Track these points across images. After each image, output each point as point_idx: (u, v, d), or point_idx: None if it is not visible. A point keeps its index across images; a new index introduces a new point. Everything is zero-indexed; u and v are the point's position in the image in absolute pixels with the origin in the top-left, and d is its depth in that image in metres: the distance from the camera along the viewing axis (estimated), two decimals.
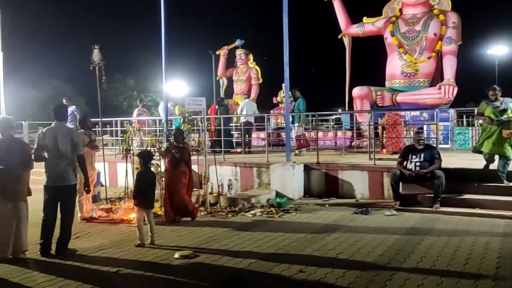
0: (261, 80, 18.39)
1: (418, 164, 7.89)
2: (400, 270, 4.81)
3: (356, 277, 4.64)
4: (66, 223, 5.78)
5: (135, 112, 14.85)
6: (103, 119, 9.85)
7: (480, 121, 8.41)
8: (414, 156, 7.95)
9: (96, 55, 8.78)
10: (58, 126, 5.78)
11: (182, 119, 8.71)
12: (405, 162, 8.03)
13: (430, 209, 7.60)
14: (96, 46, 8.84)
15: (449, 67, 14.02)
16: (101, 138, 10.40)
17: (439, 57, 14.54)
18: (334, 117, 19.24)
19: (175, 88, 25.65)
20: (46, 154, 5.69)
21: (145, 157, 6.41)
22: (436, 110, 10.04)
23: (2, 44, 14.62)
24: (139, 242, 5.95)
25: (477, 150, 8.12)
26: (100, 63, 8.77)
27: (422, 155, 7.92)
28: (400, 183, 8.03)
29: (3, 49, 14.66)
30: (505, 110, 7.61)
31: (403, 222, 7.05)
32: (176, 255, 5.48)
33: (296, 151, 11.67)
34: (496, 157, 7.79)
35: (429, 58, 14.49)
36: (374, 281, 4.53)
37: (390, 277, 4.62)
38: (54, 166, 5.66)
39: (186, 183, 7.60)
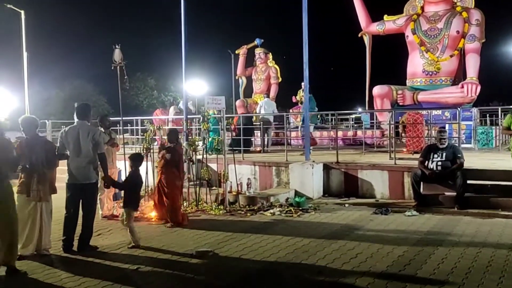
0: (280, 79, 18.36)
1: (439, 163, 7.77)
2: (416, 277, 4.73)
3: (376, 277, 4.60)
4: (88, 221, 5.89)
5: (172, 111, 14.90)
6: (124, 118, 9.96)
7: None
8: (435, 156, 7.83)
9: (117, 55, 8.89)
10: (80, 125, 5.89)
11: (202, 118, 8.76)
12: (426, 162, 7.92)
13: (451, 209, 7.47)
14: (117, 46, 8.94)
15: (472, 65, 13.76)
16: (121, 136, 10.53)
17: (462, 55, 14.28)
18: (354, 116, 19.12)
19: (195, 87, 25.80)
20: (68, 153, 5.81)
21: (136, 159, 6.50)
22: (459, 109, 9.87)
23: (26, 45, 15.03)
24: (133, 244, 5.90)
25: None
26: (121, 62, 8.87)
27: (444, 154, 7.79)
28: (421, 183, 7.91)
29: (27, 50, 15.06)
30: None
31: (423, 223, 6.95)
32: (194, 251, 5.54)
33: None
34: None
35: (451, 56, 14.25)
36: (393, 282, 4.49)
37: (405, 284, 4.55)
38: (76, 164, 5.77)
39: (179, 186, 7.54)
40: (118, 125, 12.07)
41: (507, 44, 27.86)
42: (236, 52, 19.78)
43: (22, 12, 17.86)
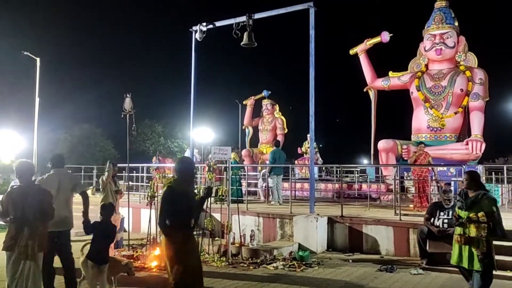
0: (286, 130, 18.57)
1: (446, 221, 7.68)
2: None
3: None
4: (70, 270, 5.73)
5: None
6: (130, 165, 10.05)
7: None
8: (442, 213, 7.75)
9: (127, 103, 9.10)
10: (58, 172, 5.90)
11: (208, 168, 8.81)
12: (432, 219, 7.84)
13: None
14: (128, 95, 9.18)
15: (477, 123, 13.90)
16: (127, 183, 10.57)
17: (466, 112, 14.47)
18: (359, 169, 19.12)
19: (202, 135, 26.11)
20: None
21: (106, 210, 6.08)
22: (464, 166, 9.87)
23: (39, 91, 15.45)
24: None
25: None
26: (131, 111, 9.08)
27: (451, 212, 7.70)
28: (427, 240, 7.79)
29: (40, 95, 15.46)
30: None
31: (429, 283, 6.79)
32: None
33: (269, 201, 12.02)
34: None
35: (455, 113, 14.44)
36: None
37: None
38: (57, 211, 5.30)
39: None
40: (124, 171, 12.18)
41: (511, 101, 28.24)
42: (244, 102, 20.17)
43: (38, 59, 18.48)
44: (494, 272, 6.68)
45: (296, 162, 17.45)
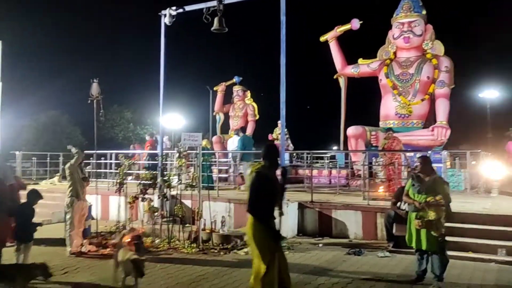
0: (257, 117, 18.55)
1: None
2: None
3: None
4: None
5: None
6: (98, 151, 9.84)
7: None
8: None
9: (95, 88, 8.89)
10: None
11: (178, 154, 8.73)
12: (399, 203, 8.03)
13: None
14: (95, 80, 8.96)
15: (442, 109, 14.27)
16: (95, 170, 10.37)
17: (432, 99, 14.81)
18: (329, 155, 19.36)
19: (172, 121, 25.81)
20: None
21: (33, 195, 6.64)
22: (429, 152, 10.13)
23: (1, 75, 14.80)
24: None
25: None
26: (98, 96, 8.87)
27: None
28: (394, 224, 7.99)
29: (2, 79, 14.83)
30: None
31: (395, 265, 7.00)
32: None
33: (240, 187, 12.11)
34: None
35: (422, 100, 14.76)
36: None
37: None
38: None
39: None
40: (91, 158, 11.92)
41: (475, 89, 29.12)
42: (215, 88, 20.00)
43: (0, 42, 17.69)
44: (457, 253, 6.97)
45: None
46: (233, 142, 14.70)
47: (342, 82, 16.82)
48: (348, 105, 16.83)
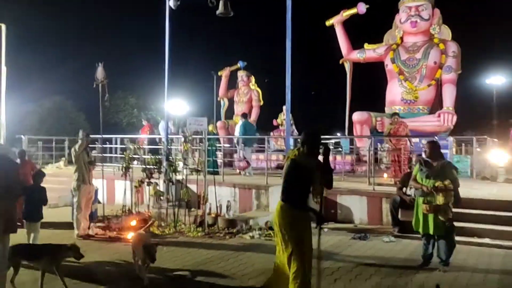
0: (262, 102, 18.48)
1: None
2: None
3: None
4: None
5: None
6: (104, 136, 9.85)
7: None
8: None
9: (100, 72, 8.85)
10: None
11: (184, 139, 8.73)
12: (404, 188, 8.02)
13: None
14: (100, 64, 8.91)
15: (449, 95, 14.16)
16: (101, 154, 10.39)
17: (439, 85, 14.69)
18: (333, 141, 19.30)
19: (176, 107, 25.71)
20: None
21: (38, 176, 6.96)
22: (436, 137, 10.08)
23: (6, 59, 14.77)
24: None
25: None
26: (103, 80, 8.83)
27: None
28: (400, 209, 7.99)
29: (7, 64, 14.80)
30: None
31: (401, 250, 7.01)
32: (172, 274, 5.44)
33: (242, 172, 12.11)
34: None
35: (429, 85, 14.64)
36: None
37: None
38: None
39: None
40: (96, 142, 11.94)
41: (481, 76, 28.85)
42: (219, 73, 19.85)
43: (3, 25, 17.62)
44: (463, 239, 6.97)
45: (272, 134, 17.46)
46: (237, 128, 14.68)
47: (347, 67, 16.69)
48: (353, 91, 16.73)
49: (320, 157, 4.34)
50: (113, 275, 5.65)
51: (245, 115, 13.75)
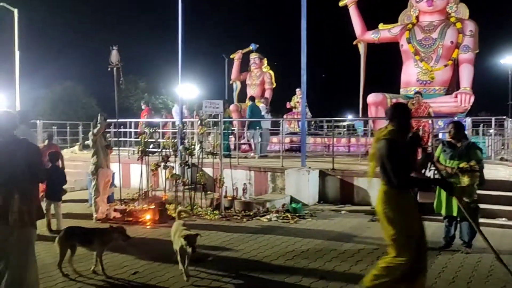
0: (274, 85, 18.30)
1: (436, 172, 7.76)
2: None
3: None
4: None
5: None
6: (120, 120, 9.83)
7: None
8: (433, 165, 7.81)
9: (114, 56, 8.79)
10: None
11: (199, 122, 8.68)
12: (423, 170, 7.91)
13: None
14: (114, 47, 8.84)
15: (466, 75, 13.86)
16: (116, 138, 10.39)
17: (456, 65, 14.39)
18: (346, 123, 19.15)
19: (187, 91, 25.69)
20: None
21: (53, 156, 7.36)
22: (456, 118, 9.90)
23: (18, 44, 14.83)
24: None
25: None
26: (118, 64, 8.78)
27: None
28: (418, 191, 7.88)
29: (20, 48, 14.86)
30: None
31: None
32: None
33: (251, 154, 12.30)
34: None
35: (445, 66, 14.34)
36: None
37: None
38: None
39: None
40: (111, 126, 11.97)
41: (496, 55, 28.30)
42: (231, 56, 19.70)
43: (16, 10, 17.64)
44: (484, 220, 6.87)
45: (285, 116, 17.34)
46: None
47: (361, 48, 16.40)
48: (367, 73, 16.48)
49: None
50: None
51: (252, 98, 13.69)
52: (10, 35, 16.98)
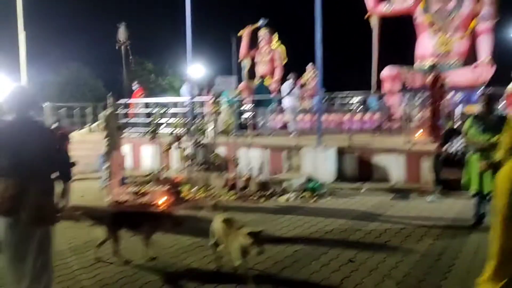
0: (286, 60, 17.80)
1: (461, 147, 7.44)
2: (458, 264, 4.46)
3: (411, 268, 4.30)
4: None
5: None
6: (130, 100, 9.56)
7: None
8: (457, 139, 7.50)
9: (122, 33, 8.48)
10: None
11: (214, 99, 8.38)
12: (446, 145, 7.60)
13: None
14: (121, 24, 8.50)
15: (485, 46, 13.36)
16: (126, 120, 10.14)
17: (474, 35, 13.85)
18: (358, 98, 18.67)
19: (196, 70, 25.26)
20: None
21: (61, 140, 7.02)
22: (482, 88, 9.50)
23: (24, 24, 14.44)
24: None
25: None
26: (126, 42, 8.45)
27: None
28: (441, 167, 7.59)
29: (25, 28, 14.48)
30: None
31: (447, 209, 6.67)
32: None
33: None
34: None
35: (462, 37, 13.83)
36: (431, 273, 4.19)
37: (448, 268, 4.29)
38: None
39: None
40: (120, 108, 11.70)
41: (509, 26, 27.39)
42: (239, 33, 19.15)
43: None
44: None
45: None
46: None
47: (373, 23, 15.87)
48: (380, 47, 15.96)
49: None
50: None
51: (261, 78, 13.50)
52: (14, 18, 16.60)
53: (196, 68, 25.41)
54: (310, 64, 16.09)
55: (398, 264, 4.41)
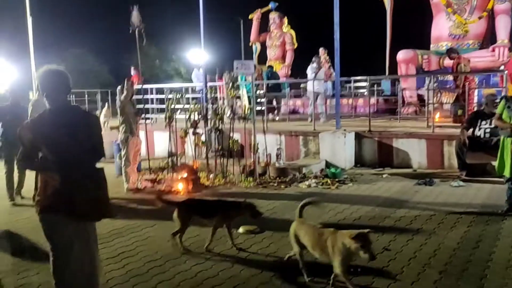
0: (296, 45, 17.49)
1: (488, 130, 7.24)
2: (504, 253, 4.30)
3: (451, 257, 4.15)
4: None
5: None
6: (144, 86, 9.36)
7: None
8: (484, 122, 7.28)
9: (135, 17, 8.21)
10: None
11: (231, 84, 8.17)
12: (472, 129, 7.39)
13: (501, 179, 6.97)
14: (134, 7, 8.25)
15: (503, 27, 12.98)
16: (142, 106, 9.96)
17: (491, 16, 13.49)
18: (368, 83, 18.36)
19: (199, 55, 24.96)
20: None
21: None
22: (506, 72, 9.24)
23: (30, 10, 14.22)
24: None
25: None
26: (140, 25, 8.21)
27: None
28: (467, 152, 7.38)
29: (32, 14, 14.26)
30: None
31: (474, 195, 6.49)
32: (241, 229, 5.07)
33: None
34: None
35: (480, 18, 13.46)
36: (472, 262, 4.03)
37: (489, 256, 4.12)
38: None
39: None
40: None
41: None
42: (250, 17, 18.79)
43: None
44: None
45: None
46: None
47: (387, 3, 15.50)
48: (393, 29, 15.61)
49: None
50: None
51: (271, 66, 13.53)
52: (21, 6, 16.34)
53: (201, 53, 25.15)
54: (321, 48, 15.78)
55: (436, 252, 4.26)
